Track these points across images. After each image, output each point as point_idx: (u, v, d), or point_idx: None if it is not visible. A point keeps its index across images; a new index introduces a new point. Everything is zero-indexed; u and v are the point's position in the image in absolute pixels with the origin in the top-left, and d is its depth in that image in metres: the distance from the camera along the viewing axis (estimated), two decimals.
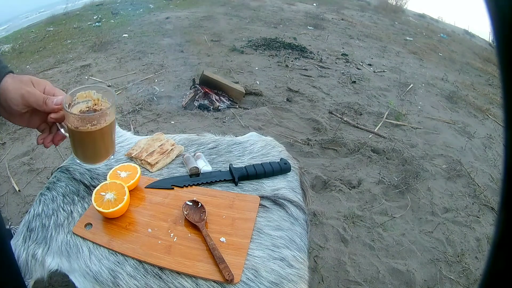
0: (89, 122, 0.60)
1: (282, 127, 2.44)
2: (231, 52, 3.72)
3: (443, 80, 3.87)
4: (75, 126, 0.60)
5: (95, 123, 0.60)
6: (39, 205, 0.87)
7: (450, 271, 1.51)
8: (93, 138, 0.62)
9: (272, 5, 6.33)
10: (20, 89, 0.57)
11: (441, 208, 1.87)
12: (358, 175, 2.02)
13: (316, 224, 1.64)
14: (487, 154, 2.50)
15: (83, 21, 4.98)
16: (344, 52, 4.20)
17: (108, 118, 0.62)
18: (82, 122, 0.59)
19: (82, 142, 0.63)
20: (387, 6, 8.03)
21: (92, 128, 0.60)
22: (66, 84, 2.86)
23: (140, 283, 0.71)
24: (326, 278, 1.40)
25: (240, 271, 0.72)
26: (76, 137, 0.62)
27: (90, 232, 0.80)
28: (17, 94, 0.56)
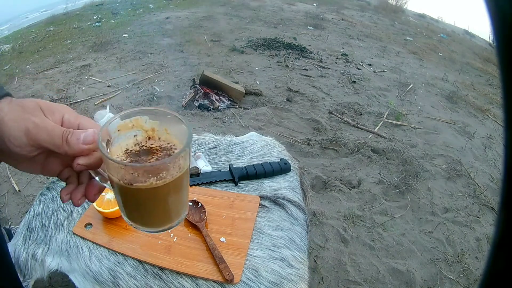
0: (154, 175, 0.35)
1: (282, 127, 2.44)
2: (231, 52, 3.72)
3: (443, 80, 3.87)
4: (126, 181, 0.35)
5: (163, 175, 0.35)
6: (39, 205, 0.87)
7: (450, 271, 1.51)
8: (159, 197, 0.38)
9: (272, 5, 6.33)
10: (23, 121, 0.36)
11: (441, 208, 1.87)
12: (358, 175, 2.02)
13: (316, 224, 1.64)
14: (487, 154, 2.50)
15: (83, 21, 4.98)
16: (344, 52, 4.21)
17: (182, 163, 0.37)
18: (140, 176, 0.34)
19: (140, 203, 0.38)
20: (387, 6, 8.04)
21: (158, 183, 0.35)
22: (66, 84, 2.87)
23: (140, 283, 0.71)
24: (326, 278, 1.40)
25: (240, 271, 0.72)
26: (128, 196, 0.38)
27: (90, 232, 0.80)
28: (19, 129, 0.35)
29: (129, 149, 0.39)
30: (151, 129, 0.40)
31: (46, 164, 0.40)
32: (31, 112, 0.37)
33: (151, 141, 0.40)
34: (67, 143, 0.36)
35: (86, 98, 2.64)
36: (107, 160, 0.34)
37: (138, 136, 0.40)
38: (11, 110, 0.36)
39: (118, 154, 0.38)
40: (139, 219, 0.41)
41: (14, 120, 0.36)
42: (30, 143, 0.36)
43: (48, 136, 0.36)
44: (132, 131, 0.39)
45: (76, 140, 0.37)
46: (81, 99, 2.62)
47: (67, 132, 0.37)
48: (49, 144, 0.36)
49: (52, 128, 0.37)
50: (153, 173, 0.35)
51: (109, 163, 0.35)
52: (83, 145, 0.37)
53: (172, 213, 0.41)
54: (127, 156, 0.38)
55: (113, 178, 0.36)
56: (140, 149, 0.39)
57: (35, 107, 0.37)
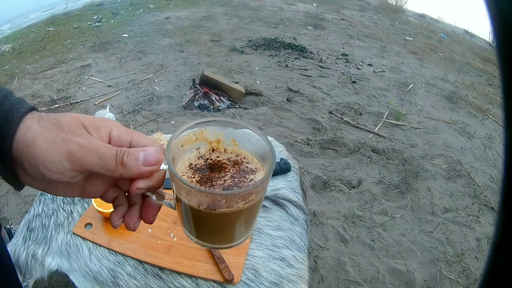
0: (243, 200, 0.32)
1: (282, 127, 2.44)
2: (231, 52, 3.72)
3: (443, 80, 3.87)
4: (208, 207, 0.31)
5: (252, 198, 0.32)
6: (39, 205, 0.87)
7: (450, 271, 1.51)
8: (235, 219, 0.35)
9: (272, 5, 6.33)
10: (63, 143, 0.29)
11: (441, 208, 1.87)
12: (358, 175, 2.02)
13: (316, 224, 1.64)
14: (487, 154, 2.50)
15: (83, 21, 4.98)
16: (344, 52, 4.21)
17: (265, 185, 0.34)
18: (228, 202, 0.31)
19: (217, 225, 0.35)
20: (387, 6, 8.04)
21: (245, 206, 0.32)
22: (66, 84, 2.87)
23: (140, 283, 0.71)
24: (326, 278, 1.40)
25: (240, 271, 0.72)
26: (204, 219, 0.34)
27: (90, 232, 0.80)
28: (59, 153, 0.29)
29: (193, 164, 0.35)
30: (216, 141, 0.37)
31: (86, 186, 0.34)
32: (73, 131, 0.30)
33: (215, 154, 0.37)
34: (123, 166, 0.30)
35: (86, 98, 2.64)
36: (189, 188, 0.30)
37: (201, 148, 0.37)
38: (44, 130, 0.29)
39: (183, 171, 0.34)
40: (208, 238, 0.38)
41: (50, 142, 0.29)
42: (74, 168, 0.29)
43: (98, 159, 0.30)
44: (195, 144, 0.36)
45: (134, 162, 0.30)
46: (81, 99, 2.62)
47: (121, 153, 0.30)
48: (100, 168, 0.30)
49: (103, 149, 0.30)
50: (243, 198, 0.32)
51: (190, 192, 0.30)
52: (144, 167, 0.31)
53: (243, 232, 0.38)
54: (193, 172, 0.34)
55: (189, 203, 0.32)
56: (205, 162, 0.35)
57: (77, 124, 0.31)
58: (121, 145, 0.32)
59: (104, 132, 0.32)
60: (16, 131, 0.29)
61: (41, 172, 0.29)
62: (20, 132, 0.29)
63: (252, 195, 0.32)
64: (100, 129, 0.32)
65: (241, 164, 0.35)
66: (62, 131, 0.30)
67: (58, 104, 2.51)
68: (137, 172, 0.31)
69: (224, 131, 0.36)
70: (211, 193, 0.31)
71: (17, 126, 0.29)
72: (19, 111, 0.30)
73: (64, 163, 0.29)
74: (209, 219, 0.33)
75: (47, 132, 0.29)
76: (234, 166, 0.35)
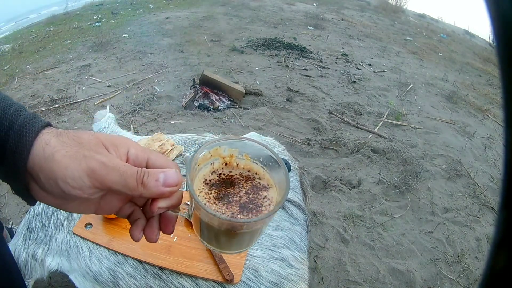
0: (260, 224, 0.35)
1: (282, 127, 2.44)
2: (231, 52, 3.72)
3: (443, 80, 3.88)
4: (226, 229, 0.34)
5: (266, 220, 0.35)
6: (39, 205, 0.87)
7: (450, 271, 1.51)
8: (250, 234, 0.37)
9: (272, 5, 6.33)
10: (84, 160, 0.30)
11: (441, 208, 1.87)
12: (358, 175, 2.02)
13: (316, 224, 1.64)
14: (487, 154, 2.50)
15: (83, 21, 4.98)
16: (344, 52, 4.21)
17: None
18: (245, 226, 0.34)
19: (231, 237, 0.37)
20: (387, 6, 8.04)
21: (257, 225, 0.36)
22: (66, 84, 2.87)
23: (140, 283, 0.71)
24: (326, 278, 1.40)
25: (240, 271, 0.72)
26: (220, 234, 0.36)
27: (90, 232, 0.80)
28: (80, 169, 0.29)
29: (208, 179, 0.37)
30: (229, 156, 0.39)
31: (102, 203, 0.34)
32: (94, 149, 0.31)
33: (228, 168, 0.39)
34: (143, 185, 0.31)
35: (86, 98, 2.64)
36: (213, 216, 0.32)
37: (214, 163, 0.39)
38: (64, 145, 0.30)
39: (199, 187, 0.36)
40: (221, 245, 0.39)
41: (71, 158, 0.29)
42: (94, 185, 0.30)
43: (119, 178, 0.30)
44: (210, 160, 0.39)
45: (154, 182, 0.31)
46: (81, 99, 2.62)
47: (142, 173, 0.31)
48: (120, 186, 0.31)
49: (124, 168, 0.31)
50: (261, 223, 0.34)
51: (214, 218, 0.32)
52: (165, 187, 0.32)
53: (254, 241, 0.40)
54: (209, 188, 0.36)
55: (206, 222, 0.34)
56: (218, 177, 0.37)
57: (97, 142, 0.32)
58: (139, 163, 0.33)
59: (122, 151, 0.33)
60: (32, 145, 0.29)
61: (60, 187, 0.29)
62: (37, 147, 0.29)
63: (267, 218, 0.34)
64: (119, 148, 0.33)
65: (254, 180, 0.38)
66: (83, 147, 0.30)
67: (58, 104, 2.51)
68: (157, 192, 0.32)
69: (236, 148, 0.39)
70: (234, 221, 0.33)
71: (33, 141, 0.29)
72: (35, 125, 0.30)
73: (85, 179, 0.29)
74: (226, 235, 0.36)
75: (67, 147, 0.30)
76: (247, 181, 0.37)
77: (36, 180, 0.30)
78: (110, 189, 0.31)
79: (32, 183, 0.31)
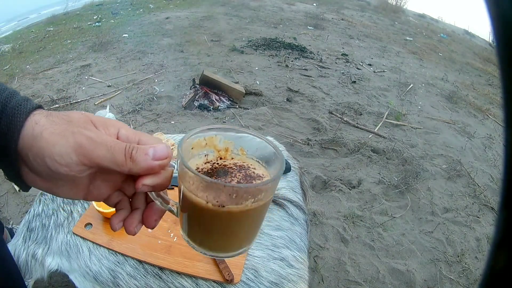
0: (253, 197, 0.31)
1: (282, 127, 2.44)
2: (231, 52, 3.72)
3: (443, 80, 3.88)
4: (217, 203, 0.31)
5: (261, 197, 0.32)
6: (39, 205, 0.87)
7: (450, 271, 1.51)
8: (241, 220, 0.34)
9: (272, 5, 6.33)
10: (72, 135, 0.29)
11: (441, 208, 1.87)
12: (358, 175, 2.02)
13: (316, 224, 1.64)
14: (487, 154, 2.50)
15: (83, 21, 4.98)
16: (344, 52, 4.21)
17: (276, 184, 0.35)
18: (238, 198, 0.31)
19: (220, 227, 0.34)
20: (387, 6, 8.04)
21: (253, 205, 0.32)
22: (66, 84, 2.87)
23: (140, 283, 0.71)
24: (326, 278, 1.40)
25: (240, 271, 0.72)
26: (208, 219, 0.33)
27: (90, 232, 0.80)
28: (67, 144, 0.29)
29: (200, 168, 0.35)
30: (225, 149, 0.37)
31: (91, 188, 0.33)
32: (82, 126, 0.30)
33: (224, 160, 0.37)
34: (132, 160, 0.30)
35: (86, 98, 2.64)
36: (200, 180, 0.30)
37: (209, 155, 0.37)
38: (53, 123, 0.29)
39: None
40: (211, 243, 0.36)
41: (59, 135, 0.29)
42: (81, 161, 0.29)
43: (107, 152, 0.29)
44: (204, 150, 0.37)
45: (144, 156, 0.30)
46: (81, 99, 2.62)
47: (130, 148, 0.30)
48: (108, 162, 0.30)
49: (112, 143, 0.30)
50: (253, 194, 0.31)
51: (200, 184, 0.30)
52: (154, 161, 0.30)
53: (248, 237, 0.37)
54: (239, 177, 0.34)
55: (196, 199, 0.31)
56: (212, 167, 0.35)
57: (86, 120, 0.31)
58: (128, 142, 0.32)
59: (112, 130, 0.32)
60: (23, 126, 0.29)
61: (47, 165, 0.29)
62: (27, 127, 0.29)
63: (262, 193, 0.32)
64: (109, 128, 0.32)
65: (248, 169, 0.36)
66: (72, 125, 0.30)
67: (58, 104, 2.51)
68: (146, 166, 0.30)
69: (233, 140, 0.37)
70: (222, 185, 0.30)
71: (24, 121, 0.29)
72: (26, 107, 0.30)
73: (72, 155, 0.29)
74: (214, 219, 0.33)
75: (55, 125, 0.29)
76: (241, 171, 0.36)
77: (26, 161, 0.30)
78: (98, 165, 0.30)
79: (23, 166, 0.30)
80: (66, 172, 0.29)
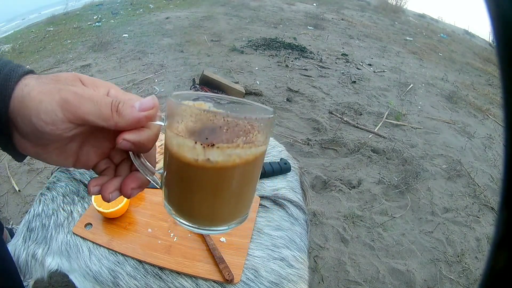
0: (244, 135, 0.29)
1: (282, 127, 2.44)
2: (231, 52, 3.72)
3: (443, 80, 3.88)
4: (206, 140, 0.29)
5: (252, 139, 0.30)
6: (39, 205, 0.87)
7: (450, 271, 1.51)
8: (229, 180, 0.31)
9: (272, 5, 6.33)
10: (58, 92, 0.28)
11: (441, 208, 1.87)
12: (358, 175, 2.02)
13: (316, 224, 1.64)
14: (487, 154, 2.50)
15: (83, 21, 4.98)
16: (344, 52, 4.21)
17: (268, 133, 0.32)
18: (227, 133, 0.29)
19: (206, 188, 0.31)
20: (387, 6, 8.04)
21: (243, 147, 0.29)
22: None
23: (140, 283, 0.71)
24: (326, 278, 1.40)
25: (240, 271, 0.72)
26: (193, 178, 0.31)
27: (90, 232, 0.80)
28: (52, 101, 0.28)
29: None
30: None
31: (80, 154, 0.33)
32: (69, 83, 0.30)
33: None
34: (118, 113, 0.29)
35: None
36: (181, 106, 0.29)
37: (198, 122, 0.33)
38: (41, 84, 0.29)
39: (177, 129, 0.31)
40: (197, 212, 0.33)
41: (45, 93, 0.28)
42: (67, 117, 0.28)
43: (93, 107, 0.29)
44: None
45: (130, 109, 0.30)
46: None
47: (117, 102, 0.30)
48: (94, 117, 0.29)
49: (98, 98, 0.29)
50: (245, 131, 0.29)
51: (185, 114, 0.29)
52: (140, 111, 0.30)
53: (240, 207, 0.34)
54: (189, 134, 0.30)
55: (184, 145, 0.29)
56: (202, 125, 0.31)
57: (75, 78, 0.31)
58: None
59: (102, 90, 0.32)
60: (14, 89, 0.29)
61: (34, 125, 0.28)
62: (17, 90, 0.29)
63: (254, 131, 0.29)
64: (99, 87, 0.32)
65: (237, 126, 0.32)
66: (59, 82, 0.30)
67: None
68: (132, 118, 0.30)
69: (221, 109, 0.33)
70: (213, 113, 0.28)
71: (15, 85, 0.29)
72: (18, 72, 0.30)
73: (58, 112, 0.28)
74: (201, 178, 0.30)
75: (44, 85, 0.29)
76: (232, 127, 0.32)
77: (16, 126, 0.29)
78: (84, 121, 0.29)
79: (15, 133, 0.30)
80: (51, 131, 0.28)
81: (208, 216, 0.33)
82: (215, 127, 0.28)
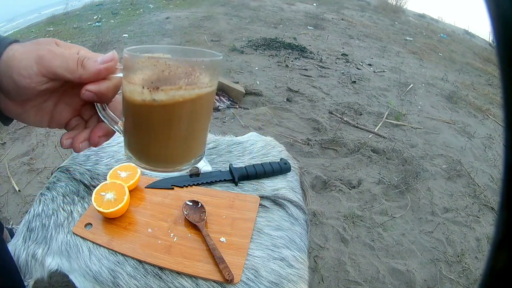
0: (186, 76, 0.31)
1: (282, 127, 2.44)
2: (231, 52, 3.72)
3: (443, 80, 3.88)
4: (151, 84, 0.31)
5: (195, 80, 0.32)
6: (39, 205, 0.87)
7: (450, 271, 1.51)
8: (180, 115, 0.34)
9: (272, 5, 6.33)
10: (35, 51, 0.33)
11: (441, 208, 1.87)
12: (358, 175, 2.02)
13: (316, 224, 1.64)
14: (487, 154, 2.50)
15: (83, 21, 4.98)
16: (344, 52, 4.21)
17: (214, 75, 0.34)
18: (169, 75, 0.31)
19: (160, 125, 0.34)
20: (387, 6, 8.04)
21: (187, 89, 0.32)
22: None
23: (140, 283, 0.71)
24: (326, 278, 1.40)
25: (240, 271, 0.72)
26: (144, 117, 0.34)
27: (90, 232, 0.80)
28: (30, 58, 0.33)
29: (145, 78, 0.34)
30: None
31: (55, 112, 0.38)
32: (46, 43, 0.35)
33: None
34: (83, 67, 0.34)
35: None
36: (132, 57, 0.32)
37: None
38: (24, 47, 0.35)
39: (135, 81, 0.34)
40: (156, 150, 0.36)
41: (25, 52, 0.34)
42: (41, 71, 0.33)
43: (63, 61, 0.34)
44: None
45: (93, 63, 0.34)
46: None
47: (83, 57, 0.34)
48: (63, 69, 0.34)
49: (68, 55, 0.34)
50: (186, 73, 0.32)
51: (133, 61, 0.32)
52: (101, 64, 0.34)
53: (191, 147, 0.37)
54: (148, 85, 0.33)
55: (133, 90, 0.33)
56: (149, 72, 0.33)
57: (51, 40, 0.36)
58: None
59: (74, 50, 0.36)
60: (2, 54, 0.33)
61: (15, 81, 0.33)
62: (4, 55, 0.33)
63: (196, 73, 0.32)
64: (71, 48, 0.37)
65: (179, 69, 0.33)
66: (37, 44, 0.35)
67: None
68: (94, 70, 0.34)
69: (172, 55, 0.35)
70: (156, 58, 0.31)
71: (3, 51, 0.34)
72: (6, 42, 0.35)
73: (34, 66, 0.33)
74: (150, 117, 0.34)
75: (25, 47, 0.34)
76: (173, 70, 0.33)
77: (1, 87, 0.34)
78: (55, 74, 0.34)
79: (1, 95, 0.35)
80: (28, 84, 0.33)
81: (162, 157, 0.36)
82: (159, 71, 0.31)
